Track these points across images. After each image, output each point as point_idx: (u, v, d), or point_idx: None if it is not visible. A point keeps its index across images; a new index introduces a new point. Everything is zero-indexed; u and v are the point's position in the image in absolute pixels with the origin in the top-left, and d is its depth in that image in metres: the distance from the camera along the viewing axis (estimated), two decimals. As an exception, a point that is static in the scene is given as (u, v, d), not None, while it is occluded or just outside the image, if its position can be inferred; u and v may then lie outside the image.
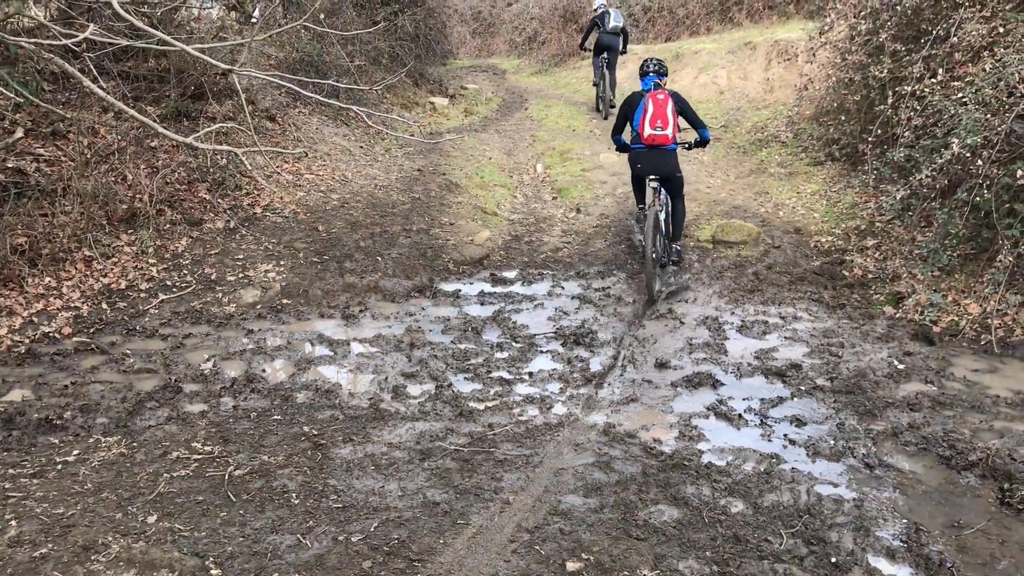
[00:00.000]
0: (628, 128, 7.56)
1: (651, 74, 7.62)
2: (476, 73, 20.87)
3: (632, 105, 7.47)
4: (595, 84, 14.64)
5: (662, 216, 7.57)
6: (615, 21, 13.81)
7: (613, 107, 13.55)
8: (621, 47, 14.01)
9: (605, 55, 13.86)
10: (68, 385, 5.31)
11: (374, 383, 5.48)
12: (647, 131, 7.25)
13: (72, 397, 5.16)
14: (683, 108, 7.48)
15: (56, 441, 4.63)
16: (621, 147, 7.72)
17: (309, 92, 7.28)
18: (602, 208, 9.82)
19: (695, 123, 7.60)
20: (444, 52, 18.06)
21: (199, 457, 4.41)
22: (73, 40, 5.24)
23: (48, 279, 6.64)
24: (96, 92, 5.75)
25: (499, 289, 7.46)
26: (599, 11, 14.16)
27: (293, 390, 5.36)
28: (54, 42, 5.31)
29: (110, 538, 3.60)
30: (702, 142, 7.66)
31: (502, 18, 26.23)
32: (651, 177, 7.44)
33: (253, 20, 11.61)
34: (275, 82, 7.27)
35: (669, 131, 7.25)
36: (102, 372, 5.57)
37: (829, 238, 8.30)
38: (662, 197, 7.64)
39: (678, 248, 7.89)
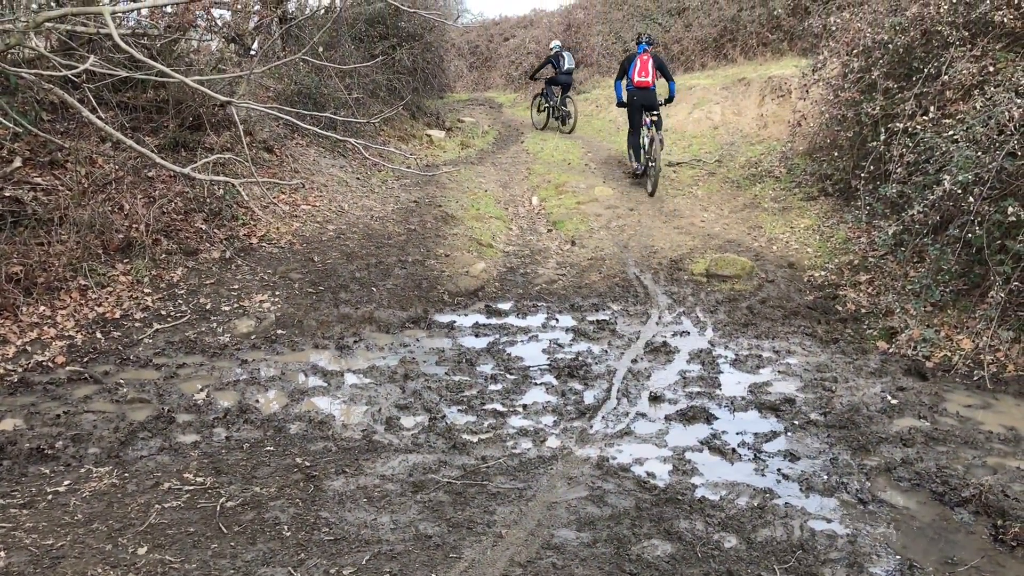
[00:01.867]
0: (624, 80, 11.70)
1: (643, 43, 11.83)
2: (473, 106, 21.04)
3: (630, 60, 11.67)
4: (547, 106, 17.76)
5: (651, 135, 11.45)
6: (569, 64, 17.09)
7: (570, 123, 17.08)
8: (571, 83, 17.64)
9: (560, 89, 17.25)
10: (60, 415, 5.29)
11: (367, 414, 5.47)
12: (636, 78, 11.49)
13: (64, 427, 5.14)
14: (660, 66, 11.66)
15: (47, 471, 4.61)
16: (620, 100, 11.98)
17: (307, 124, 7.33)
18: (597, 241, 9.86)
19: (667, 76, 11.80)
20: (441, 85, 18.25)
21: (191, 488, 4.39)
22: (73, 71, 5.29)
23: (43, 308, 6.64)
24: (95, 122, 5.79)
25: (494, 321, 7.47)
26: (554, 51, 17.22)
27: (286, 421, 5.34)
28: (54, 73, 5.36)
29: (100, 570, 3.58)
30: (670, 97, 12.00)
31: (499, 52, 26.51)
32: (647, 112, 11.53)
33: (252, 53, 11.72)
34: (273, 114, 7.32)
35: (649, 79, 11.48)
36: (95, 402, 5.55)
37: (822, 273, 8.34)
38: (650, 128, 11.51)
39: (660, 138, 11.48)
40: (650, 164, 11.60)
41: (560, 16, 25.40)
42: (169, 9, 9.33)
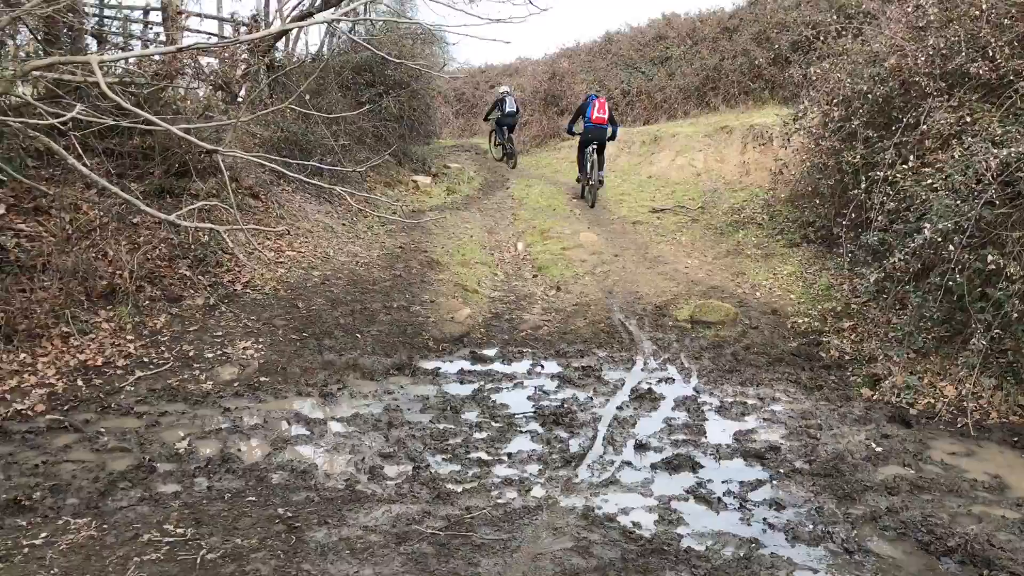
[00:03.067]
0: (580, 120, 14.28)
1: (594, 92, 14.93)
2: (459, 152, 21.18)
3: (587, 103, 14.10)
4: (499, 143, 19.42)
5: (595, 162, 13.90)
6: (510, 108, 18.59)
7: (513, 160, 18.94)
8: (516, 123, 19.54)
9: (506, 129, 18.91)
10: (39, 464, 5.21)
11: (351, 463, 5.42)
12: (595, 116, 13.76)
13: (42, 477, 5.06)
14: (609, 110, 14.04)
15: (24, 523, 4.52)
16: (570, 130, 15.01)
17: (293, 172, 7.37)
18: (582, 286, 9.90)
19: (613, 122, 14.15)
20: (427, 132, 18.39)
21: (171, 540, 4.32)
22: (60, 120, 5.31)
23: (23, 355, 6.57)
24: (80, 169, 5.81)
25: (479, 367, 7.45)
26: (502, 95, 18.76)
27: (268, 470, 5.28)
28: (40, 121, 5.39)
29: (75, 626, 3.50)
30: (613, 135, 14.16)
31: (484, 99, 26.75)
32: (594, 142, 13.84)
33: (239, 100, 11.80)
34: (259, 162, 7.35)
35: (605, 116, 13.79)
36: (75, 451, 5.47)
37: (806, 319, 8.39)
38: (594, 154, 13.88)
39: (601, 175, 14.17)
40: (590, 183, 14.25)
41: (545, 64, 25.73)
42: (157, 57, 9.41)
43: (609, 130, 13.99)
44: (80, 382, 6.50)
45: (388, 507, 4.75)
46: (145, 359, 6.98)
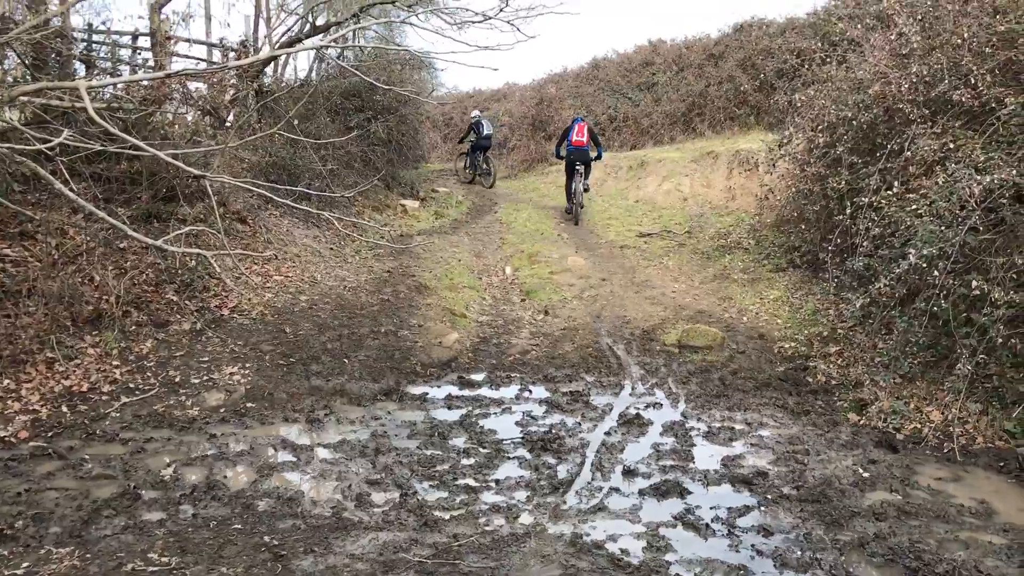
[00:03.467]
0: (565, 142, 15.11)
1: (579, 116, 15.43)
2: (447, 176, 21.28)
3: (569, 128, 14.98)
4: (471, 164, 20.34)
5: (581, 181, 14.93)
6: (488, 130, 19.52)
7: (491, 179, 19.83)
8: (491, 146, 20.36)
9: (480, 152, 19.75)
10: (22, 492, 5.15)
11: (337, 490, 5.39)
12: (575, 139, 14.69)
13: (25, 505, 5.00)
14: (594, 135, 14.99)
15: (5, 552, 4.46)
16: (558, 154, 15.67)
17: (281, 197, 7.37)
18: (570, 311, 9.92)
19: (597, 144, 15.04)
20: (416, 156, 18.44)
21: (155, 569, 4.28)
22: (47, 145, 5.31)
23: (7, 381, 6.52)
24: (67, 194, 5.79)
25: (467, 392, 7.43)
26: (475, 119, 19.64)
27: (255, 497, 5.24)
28: (27, 146, 5.38)
29: (57, 658, 3.45)
30: (599, 156, 15.18)
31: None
32: (578, 163, 14.80)
33: (227, 124, 11.81)
34: (247, 187, 7.35)
35: (584, 140, 14.68)
36: (58, 478, 5.42)
37: (792, 344, 8.42)
38: (581, 172, 14.88)
39: (587, 183, 15.23)
40: (575, 202, 15.12)
41: (532, 90, 25.92)
42: (145, 82, 9.43)
43: (593, 152, 14.99)
44: (65, 408, 6.45)
45: (375, 535, 4.72)
46: (131, 385, 6.94)
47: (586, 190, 15.39)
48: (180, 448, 6.00)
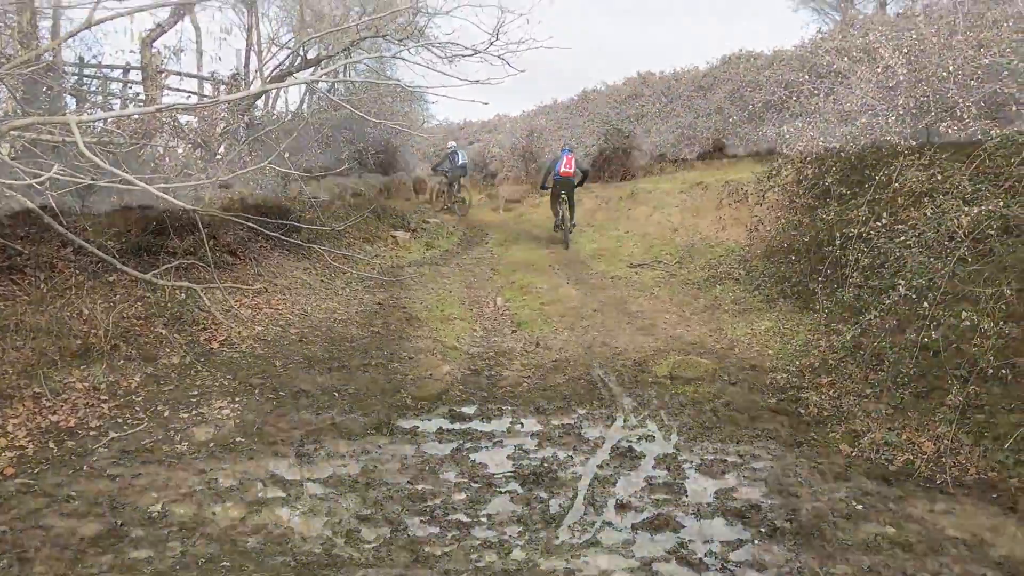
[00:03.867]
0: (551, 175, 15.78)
1: (566, 148, 16.18)
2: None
3: (556, 159, 15.77)
4: (448, 187, 20.60)
5: (566, 209, 15.65)
6: (462, 160, 20.17)
7: (463, 206, 20.40)
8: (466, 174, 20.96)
9: (457, 180, 20.23)
10: (7, 531, 5.08)
11: (327, 526, 5.33)
12: (563, 170, 15.29)
13: (10, 544, 4.92)
14: (578, 162, 15.81)
15: (-11, 593, 4.40)
16: (543, 186, 16.17)
17: (271, 231, 7.37)
18: (561, 342, 9.90)
19: (582, 170, 15.78)
20: (406, 189, 18.51)
21: (141, 609, 4.21)
22: (37, 180, 5.29)
23: (-7, 417, 6.46)
24: (56, 228, 5.77)
25: (458, 426, 7.39)
26: (451, 149, 20.19)
27: (244, 534, 5.18)
28: (17, 181, 5.37)
29: None
30: (582, 182, 15.89)
31: (464, 156, 27.04)
32: (563, 193, 15.46)
33: (218, 157, 11.83)
34: (237, 220, 7.35)
35: (572, 171, 15.31)
36: (44, 516, 5.34)
37: (784, 375, 8.41)
38: (565, 200, 15.57)
39: (573, 223, 15.81)
40: (562, 226, 15.76)
41: (523, 121, 26.10)
42: (136, 116, 9.44)
43: (577, 178, 15.71)
44: (52, 444, 6.38)
45: (365, 571, 4.67)
46: (119, 420, 6.87)
47: (572, 226, 15.93)
48: (168, 484, 5.93)
